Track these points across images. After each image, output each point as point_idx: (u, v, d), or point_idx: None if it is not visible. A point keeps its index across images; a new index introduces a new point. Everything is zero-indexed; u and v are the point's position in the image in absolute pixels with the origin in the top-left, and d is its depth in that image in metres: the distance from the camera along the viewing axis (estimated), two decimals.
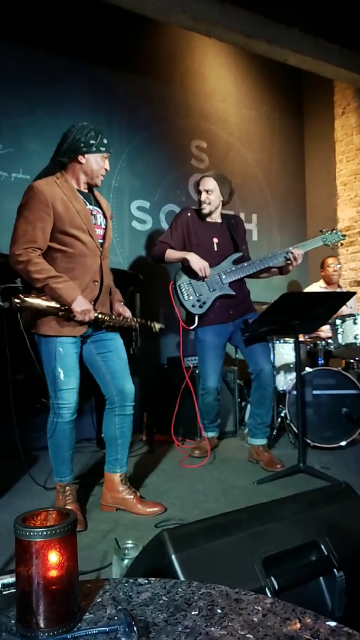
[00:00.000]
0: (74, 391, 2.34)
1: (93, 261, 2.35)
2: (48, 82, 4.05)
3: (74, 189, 2.34)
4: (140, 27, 4.44)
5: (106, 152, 2.37)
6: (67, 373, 2.31)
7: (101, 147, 2.33)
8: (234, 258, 3.26)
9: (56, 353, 2.30)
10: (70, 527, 0.85)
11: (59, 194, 2.28)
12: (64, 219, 2.26)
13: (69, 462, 2.42)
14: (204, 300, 3.20)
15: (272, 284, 4.91)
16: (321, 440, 3.49)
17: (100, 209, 2.45)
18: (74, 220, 2.28)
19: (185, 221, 3.30)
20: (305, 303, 2.93)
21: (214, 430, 3.55)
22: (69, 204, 2.29)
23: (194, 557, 1.12)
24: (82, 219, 2.31)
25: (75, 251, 2.30)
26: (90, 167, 2.35)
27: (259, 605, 0.90)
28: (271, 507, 1.35)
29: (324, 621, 0.84)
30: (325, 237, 3.32)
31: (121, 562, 1.52)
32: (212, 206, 3.28)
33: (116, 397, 2.47)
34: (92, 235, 2.33)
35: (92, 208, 2.39)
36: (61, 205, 2.26)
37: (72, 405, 2.34)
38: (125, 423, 2.50)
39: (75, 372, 2.34)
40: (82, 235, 2.30)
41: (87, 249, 2.32)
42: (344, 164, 5.56)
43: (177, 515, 2.35)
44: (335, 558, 1.25)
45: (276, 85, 5.60)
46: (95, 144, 2.31)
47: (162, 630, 0.83)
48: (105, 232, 2.44)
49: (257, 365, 3.17)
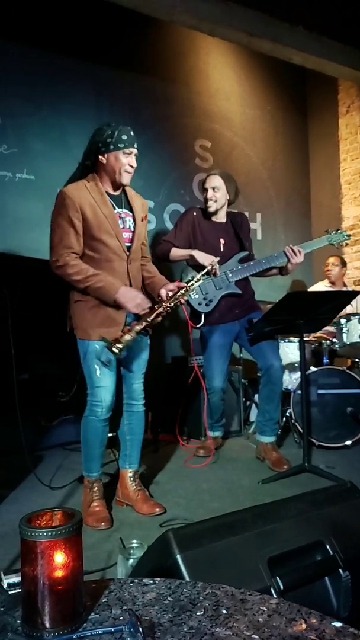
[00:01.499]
0: (108, 389, 2.35)
1: (120, 265, 2.35)
2: (52, 82, 4.05)
3: (103, 193, 2.34)
4: (144, 27, 4.44)
5: (126, 148, 2.31)
6: (102, 370, 2.33)
7: (119, 144, 2.29)
8: (240, 256, 3.25)
9: (92, 350, 2.32)
10: (75, 527, 0.85)
11: (87, 198, 2.29)
12: (92, 224, 2.28)
13: (98, 459, 2.45)
14: (210, 298, 3.19)
15: (276, 283, 4.91)
16: (326, 440, 3.49)
17: (131, 212, 2.43)
18: (102, 225, 2.29)
19: (191, 221, 3.30)
20: (309, 302, 2.92)
21: (218, 429, 3.54)
22: (97, 209, 2.29)
23: (199, 557, 1.12)
24: (110, 224, 2.31)
25: (102, 256, 2.31)
26: (111, 166, 2.33)
27: (265, 605, 0.89)
28: (276, 507, 1.35)
29: (330, 621, 0.84)
30: (330, 237, 3.31)
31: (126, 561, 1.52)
32: (218, 204, 3.27)
33: (125, 393, 2.52)
34: (119, 240, 2.33)
35: (120, 211, 2.38)
36: (89, 210, 2.28)
37: (106, 404, 2.36)
38: (133, 420, 2.53)
39: (111, 370, 2.36)
40: (109, 240, 2.31)
41: (113, 254, 2.32)
42: (348, 162, 5.55)
43: (182, 515, 2.35)
44: (341, 558, 1.24)
45: (280, 84, 5.59)
46: (112, 141, 2.29)
47: (168, 631, 0.83)
48: (134, 235, 2.41)
49: (266, 361, 3.16)
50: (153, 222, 4.59)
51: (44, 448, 3.58)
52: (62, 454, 3.49)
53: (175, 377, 4.04)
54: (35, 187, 3.87)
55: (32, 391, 3.45)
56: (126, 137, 2.31)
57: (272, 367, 3.15)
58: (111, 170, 2.34)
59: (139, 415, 2.54)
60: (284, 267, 3.26)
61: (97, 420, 2.37)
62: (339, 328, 3.82)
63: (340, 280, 4.74)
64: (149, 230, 4.52)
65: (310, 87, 5.89)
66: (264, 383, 3.20)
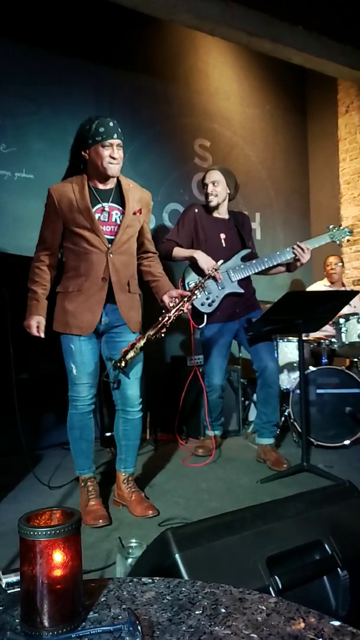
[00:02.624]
0: (87, 385, 2.39)
1: (98, 258, 2.35)
2: (52, 82, 4.05)
3: (84, 188, 2.34)
4: (144, 26, 4.44)
5: (104, 140, 2.26)
6: (79, 368, 2.36)
7: (96, 138, 2.27)
8: (242, 255, 3.25)
9: (69, 349, 2.37)
10: (74, 526, 0.85)
11: (67, 194, 2.33)
12: (68, 218, 2.34)
13: (87, 454, 2.46)
14: (212, 298, 3.19)
15: (275, 283, 4.91)
16: (325, 439, 3.49)
17: (121, 205, 2.41)
18: (77, 219, 2.32)
19: (192, 217, 3.30)
20: (308, 302, 2.93)
21: (217, 428, 3.55)
22: (74, 204, 2.32)
23: (198, 556, 1.12)
24: (85, 217, 2.32)
25: (81, 249, 2.35)
26: (93, 161, 2.33)
27: (263, 604, 0.90)
28: (275, 506, 1.35)
29: (328, 620, 0.84)
30: (332, 234, 3.31)
31: (125, 561, 1.52)
32: (219, 198, 3.26)
33: (119, 400, 2.49)
34: (97, 233, 2.33)
35: (105, 205, 2.37)
36: (67, 205, 2.32)
37: (86, 398, 2.40)
38: (128, 427, 2.50)
39: (87, 367, 2.38)
40: (86, 233, 2.33)
41: (91, 247, 2.33)
42: (348, 162, 5.55)
43: (180, 514, 2.35)
44: (339, 557, 1.25)
45: (280, 84, 5.59)
46: (90, 135, 2.28)
47: (166, 630, 0.83)
48: (119, 229, 2.38)
49: (261, 362, 3.17)
50: (152, 221, 4.58)
51: (43, 447, 3.59)
52: (61, 453, 3.48)
53: (174, 376, 4.04)
54: (34, 186, 3.87)
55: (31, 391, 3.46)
56: (103, 129, 2.26)
57: (266, 368, 3.15)
58: (95, 165, 2.34)
59: (135, 423, 2.50)
60: (291, 264, 3.26)
61: (78, 414, 2.40)
62: (338, 328, 3.82)
63: (340, 280, 4.75)
64: None
65: (309, 87, 5.89)
66: (260, 386, 3.21)
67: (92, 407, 2.44)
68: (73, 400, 2.41)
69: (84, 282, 2.34)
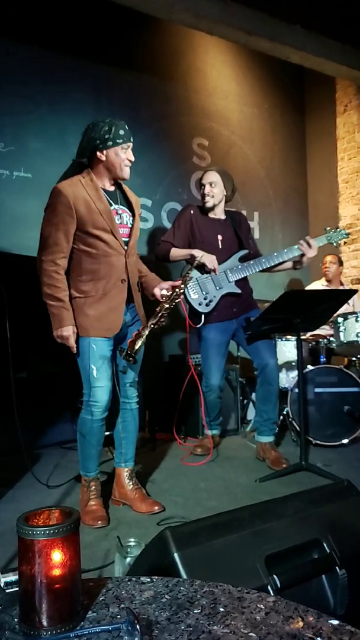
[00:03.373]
0: (105, 389, 2.35)
1: (118, 260, 2.35)
2: (50, 80, 4.04)
3: (98, 189, 2.34)
4: (142, 25, 4.44)
5: (124, 143, 2.32)
6: (99, 370, 2.33)
7: (117, 140, 2.30)
8: (240, 255, 3.25)
9: (91, 350, 2.32)
10: (72, 525, 0.85)
11: (82, 194, 2.29)
12: (86, 220, 2.28)
13: (95, 458, 2.46)
14: (210, 298, 3.19)
15: (273, 282, 4.92)
16: (323, 438, 3.49)
17: (127, 208, 2.44)
18: (96, 221, 2.29)
19: (188, 219, 3.29)
20: (307, 301, 2.93)
21: (216, 428, 3.55)
22: (92, 205, 2.29)
23: (197, 555, 1.12)
24: (105, 219, 2.30)
25: (99, 251, 2.32)
26: (111, 162, 2.33)
27: (262, 603, 0.90)
28: (273, 505, 1.35)
29: (327, 619, 0.84)
30: (329, 236, 3.31)
31: (124, 560, 1.52)
32: (215, 199, 3.26)
33: (120, 390, 2.53)
34: (115, 235, 2.33)
35: (117, 207, 2.39)
36: (84, 206, 2.28)
37: (103, 404, 2.36)
38: (127, 417, 2.53)
39: (107, 370, 2.37)
40: (105, 236, 2.31)
41: (110, 249, 2.33)
42: (346, 161, 5.55)
43: (179, 513, 2.36)
44: (338, 556, 1.25)
45: (278, 83, 5.59)
46: (110, 137, 2.29)
47: (165, 629, 0.83)
48: (132, 231, 2.43)
49: (261, 360, 3.17)
50: (150, 220, 4.58)
51: (42, 447, 3.58)
52: (60, 452, 3.49)
53: (172, 375, 4.04)
54: (32, 185, 3.87)
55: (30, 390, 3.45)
56: (123, 132, 2.32)
57: (267, 366, 3.15)
58: (111, 166, 2.34)
59: (133, 413, 2.54)
60: (298, 261, 3.25)
61: (93, 420, 2.36)
62: (336, 327, 3.82)
63: (337, 278, 4.75)
64: (146, 229, 4.53)
65: (308, 86, 5.89)
66: (260, 383, 3.21)
67: (106, 413, 2.39)
68: (89, 405, 2.35)
69: (106, 285, 2.32)
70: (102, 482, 2.67)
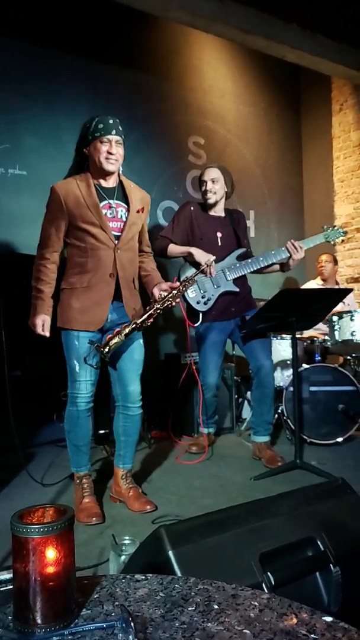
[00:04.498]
0: (89, 383, 2.39)
1: (106, 254, 2.35)
2: (45, 78, 4.03)
3: (90, 185, 2.36)
4: (138, 23, 4.42)
5: (102, 136, 2.31)
6: (82, 365, 2.35)
7: (95, 134, 2.32)
8: (237, 254, 3.25)
9: (73, 346, 2.35)
10: (67, 523, 0.85)
11: (73, 190, 2.33)
12: (75, 214, 2.32)
13: (84, 453, 2.47)
14: (208, 297, 3.19)
15: (268, 281, 4.92)
16: (318, 437, 3.50)
17: (125, 203, 2.44)
18: (84, 215, 2.32)
19: (188, 215, 3.28)
20: (302, 300, 2.93)
21: (211, 426, 3.55)
22: (81, 200, 2.32)
23: (191, 553, 1.12)
24: (93, 213, 2.32)
25: (88, 245, 2.34)
26: (92, 157, 2.36)
27: (256, 600, 0.90)
28: (268, 503, 1.35)
29: (320, 616, 0.85)
30: (327, 234, 3.32)
31: (118, 558, 1.52)
32: (217, 196, 3.26)
33: (120, 396, 2.51)
34: (104, 229, 2.34)
35: (111, 202, 2.39)
36: (73, 201, 2.32)
37: (87, 395, 2.40)
38: (128, 422, 2.52)
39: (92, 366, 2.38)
40: (93, 229, 2.33)
41: (99, 242, 2.34)
42: (342, 160, 5.56)
43: (174, 512, 2.36)
44: (332, 553, 1.25)
45: (274, 82, 5.59)
46: (90, 132, 2.33)
47: (159, 626, 0.83)
48: (125, 225, 2.41)
49: (257, 362, 3.17)
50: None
51: (36, 445, 3.58)
52: (55, 450, 3.48)
53: (168, 374, 4.04)
54: (27, 183, 3.85)
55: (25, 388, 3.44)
56: (102, 126, 2.32)
57: (262, 368, 3.15)
58: (94, 161, 2.36)
59: (135, 419, 2.52)
60: (285, 263, 3.26)
61: (78, 410, 2.40)
62: (331, 326, 3.83)
63: (333, 277, 4.76)
64: None
65: (304, 85, 5.89)
66: (256, 385, 3.21)
67: (91, 404, 2.44)
68: (73, 397, 2.40)
69: (92, 278, 2.34)
70: (96, 479, 2.67)
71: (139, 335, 2.47)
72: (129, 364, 2.47)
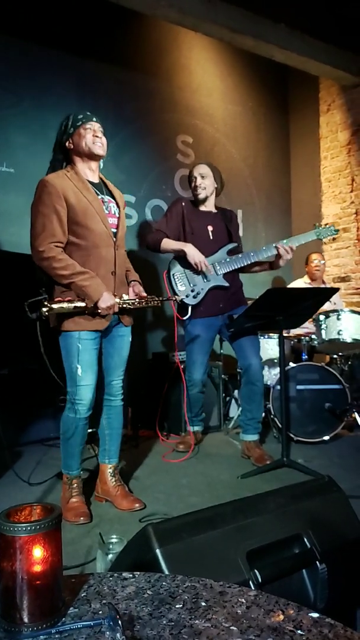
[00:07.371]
0: (90, 387, 2.33)
1: (107, 252, 2.33)
2: (33, 75, 4.00)
3: (84, 180, 2.33)
4: (127, 21, 4.41)
5: (84, 123, 2.31)
6: (84, 369, 2.29)
7: (77, 123, 2.32)
8: (228, 248, 3.25)
9: (75, 349, 2.28)
10: (54, 522, 0.85)
11: (70, 186, 2.27)
12: (76, 210, 2.25)
13: (78, 457, 2.44)
14: (197, 290, 3.19)
15: (256, 280, 4.92)
16: (304, 435, 3.53)
17: (113, 199, 2.44)
18: (86, 211, 2.27)
19: (180, 210, 3.29)
20: (289, 299, 2.94)
21: (198, 424, 3.56)
22: (81, 195, 2.28)
23: (179, 551, 1.12)
24: (95, 209, 2.29)
25: (89, 243, 2.29)
26: (78, 145, 2.33)
27: (243, 597, 0.90)
28: (255, 501, 1.36)
29: (307, 612, 0.85)
30: (319, 231, 3.33)
31: (105, 556, 1.52)
32: (207, 191, 3.27)
33: (105, 387, 2.51)
34: (105, 225, 2.32)
35: (104, 197, 2.38)
36: (73, 196, 2.25)
37: (88, 403, 2.33)
38: (111, 414, 2.53)
39: (92, 368, 2.33)
40: (95, 226, 2.29)
41: (100, 240, 2.31)
42: (329, 160, 5.59)
43: (161, 510, 2.36)
44: (318, 551, 1.26)
45: (262, 81, 5.60)
46: (70, 124, 2.32)
47: (147, 624, 0.83)
48: (119, 221, 2.41)
49: (245, 360, 3.18)
50: (134, 217, 4.57)
51: (23, 444, 3.56)
52: (42, 449, 3.46)
53: (155, 372, 4.04)
54: (15, 180, 3.82)
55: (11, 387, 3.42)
56: (82, 116, 2.34)
57: (250, 366, 3.15)
58: (81, 148, 2.33)
59: (117, 410, 2.54)
60: (274, 262, 3.27)
61: (79, 419, 2.33)
62: (318, 325, 3.86)
63: (321, 277, 4.79)
64: (130, 226, 4.51)
65: (291, 85, 5.92)
66: (244, 383, 3.22)
67: (91, 411, 2.37)
68: (74, 403, 2.31)
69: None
70: (84, 479, 2.66)
71: (128, 333, 2.48)
72: (117, 359, 2.49)
